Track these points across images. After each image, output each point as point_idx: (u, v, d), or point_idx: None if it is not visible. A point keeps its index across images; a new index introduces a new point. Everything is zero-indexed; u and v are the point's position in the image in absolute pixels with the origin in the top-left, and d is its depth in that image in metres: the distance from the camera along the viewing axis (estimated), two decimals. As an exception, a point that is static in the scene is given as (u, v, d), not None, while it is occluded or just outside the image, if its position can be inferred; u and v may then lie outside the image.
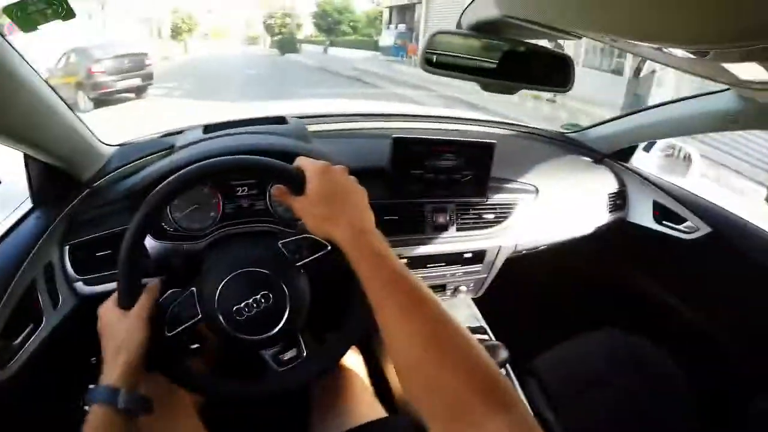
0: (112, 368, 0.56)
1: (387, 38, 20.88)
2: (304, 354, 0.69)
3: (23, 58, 0.63)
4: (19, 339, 0.69)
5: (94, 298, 0.60)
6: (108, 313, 0.61)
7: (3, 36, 0.59)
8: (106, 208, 0.85)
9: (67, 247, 0.80)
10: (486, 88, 0.81)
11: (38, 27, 0.57)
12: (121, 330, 0.59)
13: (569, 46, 7.19)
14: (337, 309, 0.70)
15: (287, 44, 27.02)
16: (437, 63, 0.77)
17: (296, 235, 0.70)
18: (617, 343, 1.23)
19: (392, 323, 0.46)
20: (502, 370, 0.92)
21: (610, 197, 1.20)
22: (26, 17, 0.56)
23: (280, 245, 0.69)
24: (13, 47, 0.60)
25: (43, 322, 0.73)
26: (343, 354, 0.69)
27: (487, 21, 0.78)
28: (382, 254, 0.52)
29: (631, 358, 1.16)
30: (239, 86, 11.28)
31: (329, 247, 0.66)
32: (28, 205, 0.83)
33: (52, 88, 0.71)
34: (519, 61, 0.86)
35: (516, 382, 0.95)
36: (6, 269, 0.70)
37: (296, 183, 0.60)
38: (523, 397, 0.97)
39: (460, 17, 0.80)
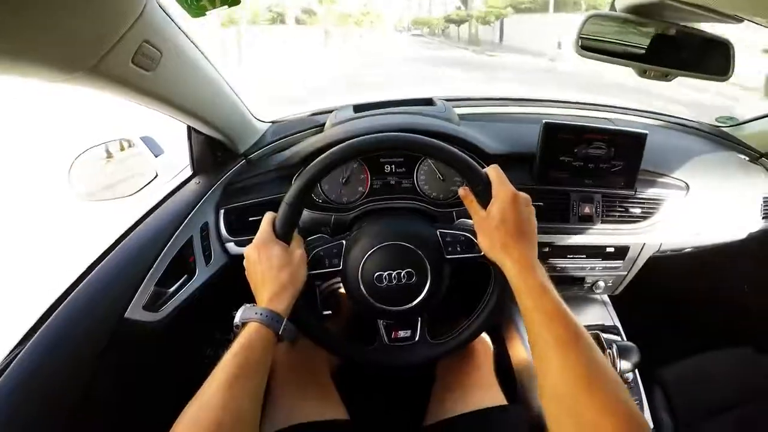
0: (280, 297, 0.59)
1: None
2: (416, 338, 0.70)
3: (198, 48, 0.68)
4: (173, 288, 0.77)
5: (243, 258, 0.65)
6: (269, 246, 0.62)
7: (186, 34, 0.63)
8: (259, 178, 0.92)
9: (222, 210, 0.87)
10: (642, 74, 0.77)
11: (206, 13, 0.60)
12: (289, 264, 0.61)
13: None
14: (462, 308, 0.71)
15: None
16: (593, 48, 0.75)
17: (455, 229, 0.70)
18: (759, 366, 1.09)
19: (548, 354, 0.49)
20: (630, 374, 0.87)
21: (765, 202, 1.05)
22: (196, 5, 0.59)
23: (438, 233, 0.69)
24: (194, 42, 0.66)
25: (196, 275, 0.81)
26: (450, 352, 0.70)
27: (644, 3, 0.75)
28: (546, 287, 0.54)
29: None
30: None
31: (482, 253, 0.65)
32: (188, 172, 0.91)
33: (218, 72, 0.77)
34: (675, 47, 0.81)
35: (641, 389, 0.90)
36: (166, 227, 0.79)
37: (482, 193, 0.61)
38: (646, 405, 0.91)
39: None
